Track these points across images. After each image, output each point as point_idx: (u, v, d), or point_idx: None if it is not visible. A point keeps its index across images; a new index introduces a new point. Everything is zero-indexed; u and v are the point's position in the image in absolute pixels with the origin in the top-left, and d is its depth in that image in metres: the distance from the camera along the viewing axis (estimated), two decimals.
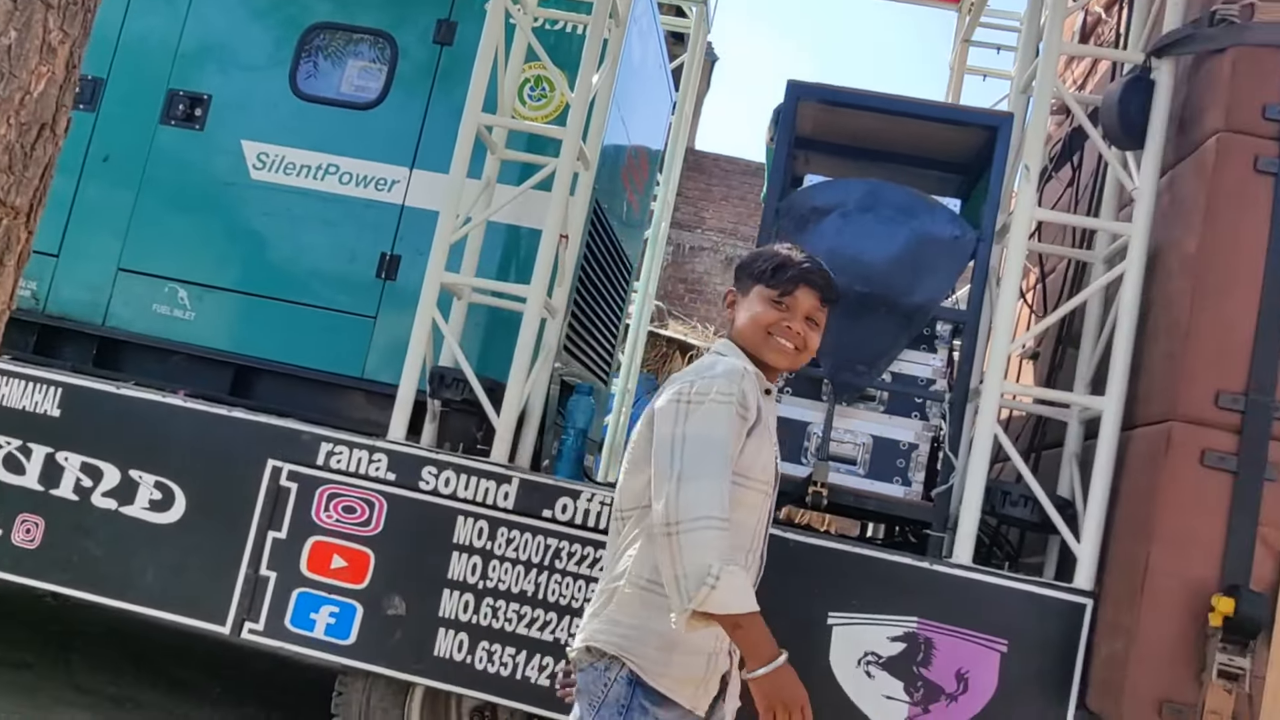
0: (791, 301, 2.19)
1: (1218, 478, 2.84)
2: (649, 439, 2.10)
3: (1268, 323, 2.87)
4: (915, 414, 3.57)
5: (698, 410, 2.04)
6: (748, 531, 2.15)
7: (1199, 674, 2.76)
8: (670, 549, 1.94)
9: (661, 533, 1.96)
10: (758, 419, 2.12)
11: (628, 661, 2.06)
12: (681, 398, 2.06)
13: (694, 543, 1.92)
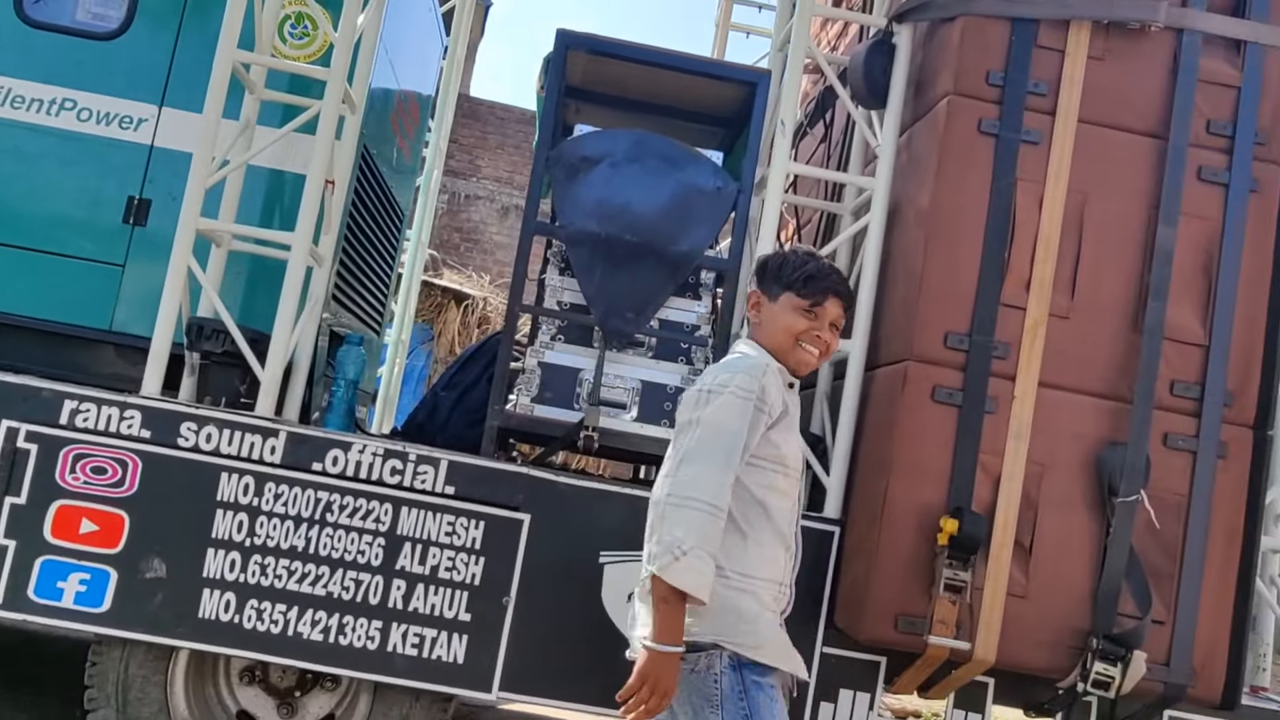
0: (821, 311, 2.32)
1: (946, 411, 3.12)
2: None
3: (989, 270, 3.16)
4: (681, 359, 3.70)
5: (715, 400, 2.17)
6: (787, 515, 2.29)
7: (929, 589, 3.04)
8: (659, 515, 2.11)
9: (658, 499, 2.13)
10: (784, 411, 2.26)
11: (726, 646, 2.15)
12: (703, 388, 2.21)
13: (676, 518, 2.08)
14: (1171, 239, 3.17)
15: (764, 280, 2.42)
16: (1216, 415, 3.13)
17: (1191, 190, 3.21)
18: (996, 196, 3.20)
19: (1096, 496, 3.11)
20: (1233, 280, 3.18)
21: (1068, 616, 3.07)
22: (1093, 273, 3.20)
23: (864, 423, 3.42)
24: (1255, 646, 3.71)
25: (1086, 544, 3.09)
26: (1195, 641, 3.06)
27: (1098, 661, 2.98)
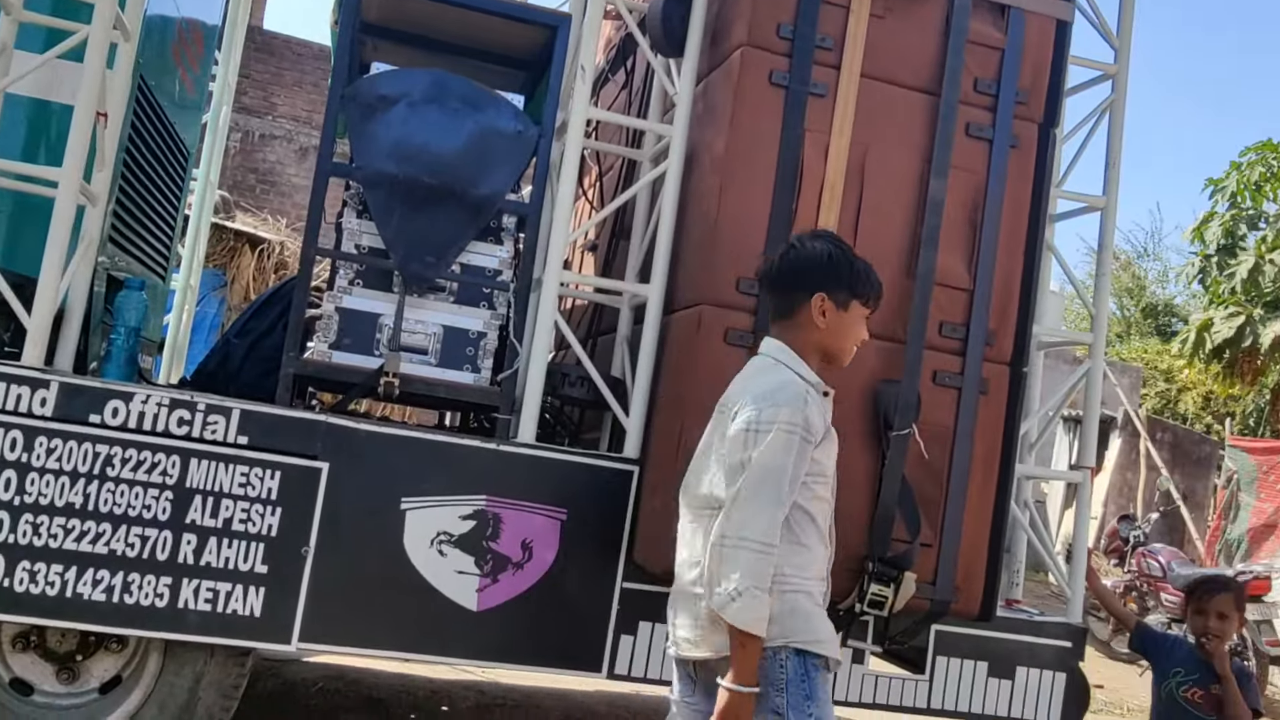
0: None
1: (737, 353, 3.24)
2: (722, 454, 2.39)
3: (778, 218, 3.29)
4: (483, 304, 3.69)
5: (764, 439, 2.29)
6: (827, 515, 2.49)
7: None
8: (716, 556, 2.27)
9: (715, 541, 2.28)
10: (826, 429, 2.42)
11: (791, 643, 2.32)
12: (750, 426, 2.32)
13: (733, 560, 2.24)
14: (942, 190, 3.39)
15: (832, 287, 2.47)
16: (979, 354, 3.39)
17: (960, 145, 3.44)
18: (785, 146, 3.32)
19: (873, 431, 3.32)
20: (995, 229, 3.44)
21: (847, 543, 3.27)
22: (872, 221, 3.38)
23: (662, 365, 3.52)
24: (1009, 565, 4.07)
25: (864, 475, 3.30)
26: (958, 561, 3.33)
27: (873, 583, 3.20)
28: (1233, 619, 3.11)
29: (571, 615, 3.39)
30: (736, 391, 2.50)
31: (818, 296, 2.48)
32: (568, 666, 3.47)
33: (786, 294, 2.52)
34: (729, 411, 2.45)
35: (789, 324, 2.52)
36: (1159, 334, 28.50)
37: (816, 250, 2.52)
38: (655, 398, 3.51)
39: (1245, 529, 11.98)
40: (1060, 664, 3.67)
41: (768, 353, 2.52)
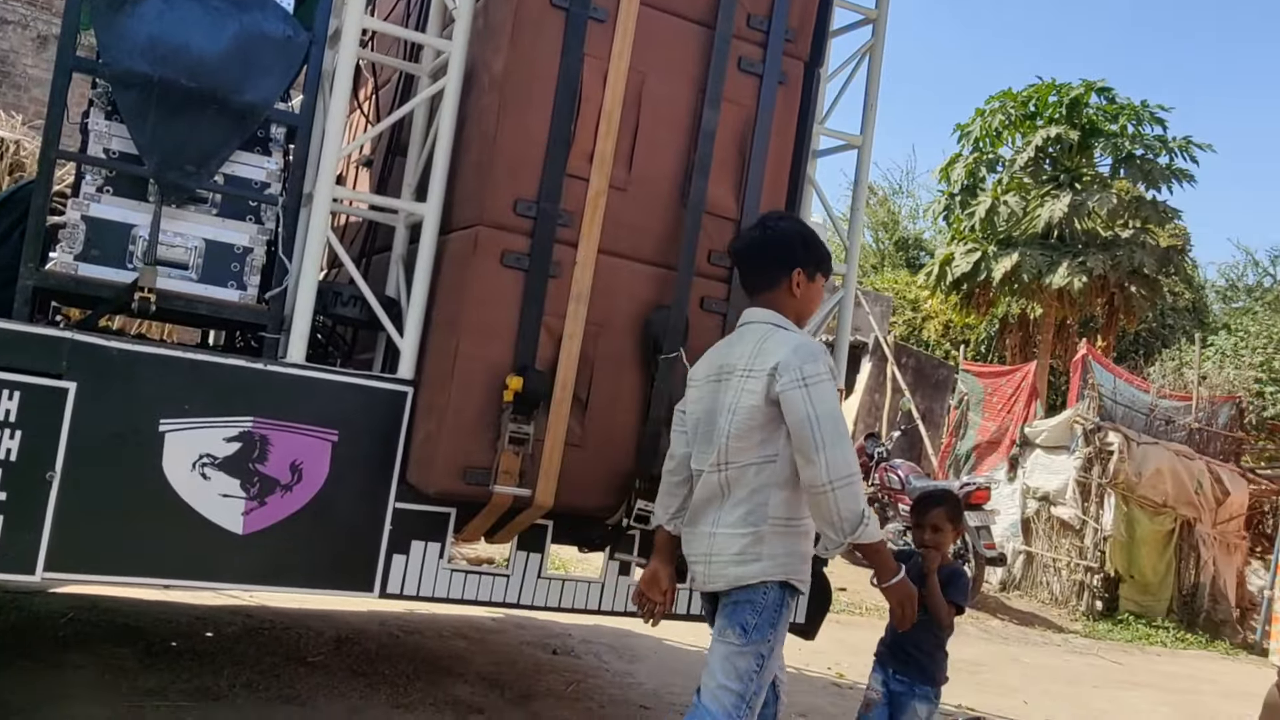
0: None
1: (513, 275, 3.25)
2: (765, 414, 2.66)
3: (556, 142, 3.29)
4: (250, 217, 3.51)
5: (817, 389, 2.62)
6: None
7: (495, 442, 3.22)
8: (829, 502, 2.58)
9: (819, 491, 2.58)
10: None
11: (790, 580, 2.71)
12: (802, 383, 2.62)
13: (846, 495, 2.58)
14: (714, 121, 3.49)
15: (806, 262, 2.86)
16: None
17: (732, 78, 3.54)
18: (565, 70, 3.31)
19: (644, 354, 3.43)
20: (762, 162, 3.58)
21: (616, 462, 3.40)
22: (648, 149, 3.45)
23: (437, 286, 3.48)
24: None
25: (634, 397, 3.41)
26: None
27: (639, 499, 3.34)
28: (946, 531, 3.39)
29: (343, 536, 3.34)
30: (745, 356, 2.75)
31: (796, 271, 2.85)
32: (339, 587, 3.44)
33: (766, 269, 2.87)
34: (739, 373, 2.73)
35: (770, 296, 2.86)
36: (909, 266, 30.56)
37: (790, 230, 2.92)
38: (430, 319, 3.47)
39: (972, 445, 13.23)
40: None
41: (765, 320, 2.82)
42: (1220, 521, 10.74)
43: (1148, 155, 19.12)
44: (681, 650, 5.69)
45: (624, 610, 3.71)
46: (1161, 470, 10.35)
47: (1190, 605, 10.24)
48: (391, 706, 4.00)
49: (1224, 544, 10.74)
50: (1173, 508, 10.34)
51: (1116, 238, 18.37)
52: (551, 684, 4.66)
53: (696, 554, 2.79)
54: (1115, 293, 18.28)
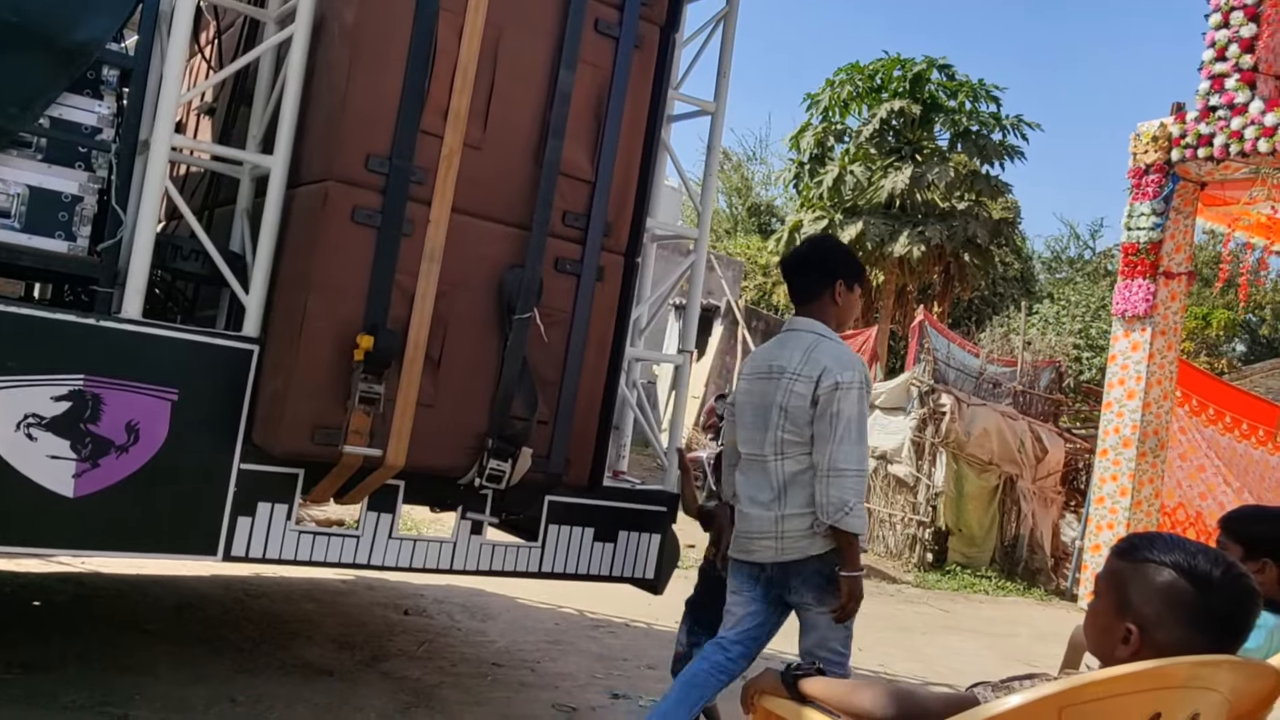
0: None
1: (365, 232, 3.18)
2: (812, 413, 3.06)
3: (409, 97, 3.22)
4: (80, 164, 3.30)
5: (848, 394, 3.03)
6: None
7: (345, 402, 3.15)
8: (823, 485, 3.00)
9: (821, 474, 3.01)
10: None
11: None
12: (839, 386, 3.03)
13: (838, 485, 2.98)
14: (570, 83, 3.48)
15: (846, 275, 3.27)
16: (598, 244, 3.57)
17: (589, 39, 3.53)
18: (419, 23, 3.23)
19: (497, 314, 3.41)
20: (617, 125, 3.59)
21: (469, 422, 3.38)
22: (503, 107, 3.41)
23: (284, 241, 3.36)
24: (617, 440, 4.41)
25: (488, 356, 3.40)
26: (571, 437, 3.55)
27: (492, 459, 3.34)
28: None
29: (184, 498, 3.22)
30: (795, 361, 3.14)
31: (838, 283, 3.25)
32: (180, 551, 3.32)
33: (812, 282, 3.28)
34: (789, 375, 3.13)
35: (815, 305, 3.26)
36: (761, 232, 31.18)
37: (833, 247, 3.46)
38: (278, 275, 3.36)
39: None
40: (656, 527, 4.05)
41: (811, 330, 3.21)
42: (1039, 478, 11.48)
43: (983, 131, 20.05)
44: (534, 608, 5.74)
45: (476, 569, 3.71)
46: (988, 430, 10.97)
47: (1011, 555, 10.94)
48: (236, 671, 3.91)
49: (1042, 498, 11.50)
50: (998, 465, 10.98)
51: (953, 209, 19.24)
52: (403, 644, 4.63)
53: (764, 532, 3.15)
54: (951, 262, 19.18)
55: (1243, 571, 1.78)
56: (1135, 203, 9.56)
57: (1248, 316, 31.98)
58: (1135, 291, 9.49)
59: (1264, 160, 8.55)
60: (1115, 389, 9.69)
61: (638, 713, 4.21)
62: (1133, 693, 1.67)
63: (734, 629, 3.22)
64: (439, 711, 3.83)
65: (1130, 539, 1.85)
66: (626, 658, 5.02)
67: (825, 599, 3.09)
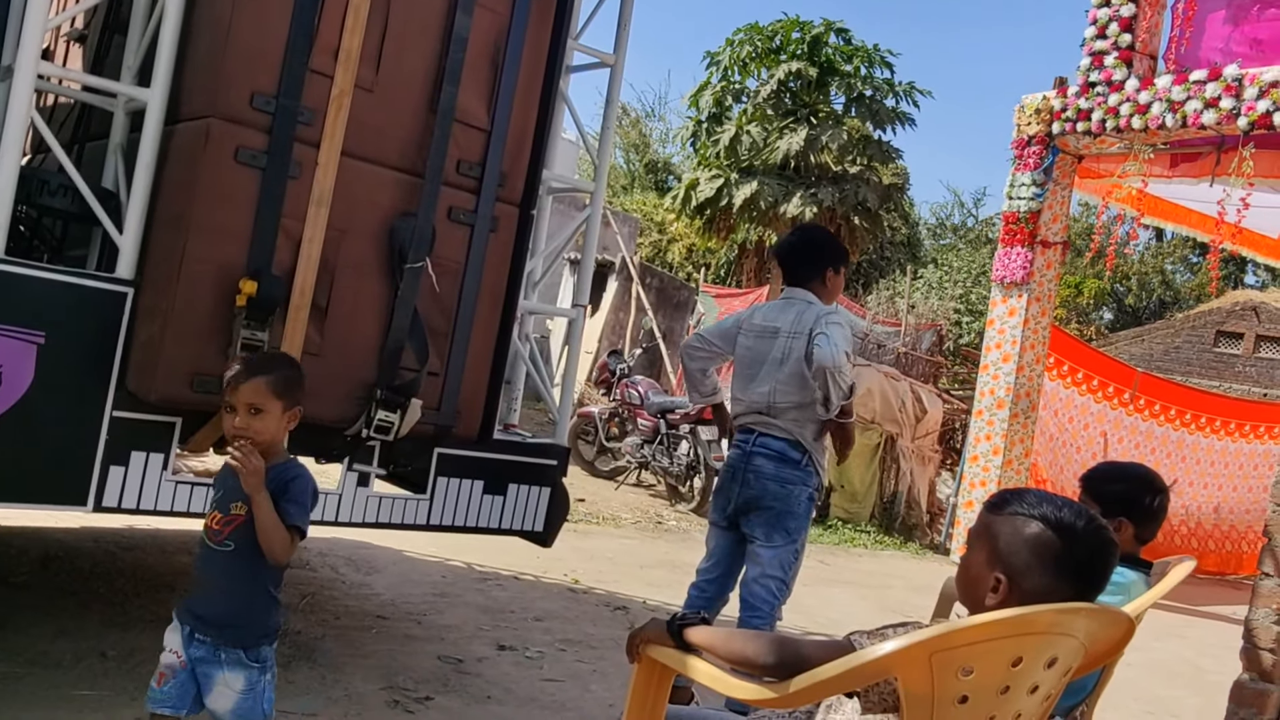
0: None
1: (249, 173, 3.06)
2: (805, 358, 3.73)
3: (298, 34, 3.09)
4: None
5: (836, 328, 3.70)
6: None
7: (226, 349, 3.05)
8: (831, 378, 3.64)
9: (828, 370, 3.62)
10: None
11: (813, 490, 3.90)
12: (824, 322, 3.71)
13: (844, 376, 3.68)
14: (467, 27, 3.39)
15: (834, 262, 3.96)
16: (492, 194, 3.52)
17: None
18: None
19: (388, 263, 3.34)
20: (514, 73, 3.53)
21: (357, 371, 3.31)
22: (397, 50, 3.31)
23: (162, 180, 3.21)
24: (509, 393, 4.38)
25: (377, 305, 3.33)
26: (461, 390, 3.52)
27: (380, 410, 3.29)
28: (267, 414, 2.75)
29: (51, 446, 3.08)
30: (789, 321, 3.81)
31: (828, 269, 3.91)
32: (47, 501, 3.18)
33: (808, 265, 3.92)
34: (783, 335, 3.80)
35: (809, 287, 3.90)
36: (657, 189, 31.21)
37: (822, 238, 4.12)
38: (154, 215, 3.21)
39: None
40: (546, 480, 4.06)
41: (804, 298, 3.87)
42: (918, 436, 11.88)
43: (876, 97, 20.40)
44: (421, 561, 5.70)
45: (362, 522, 3.66)
46: (872, 390, 11.29)
47: (889, 511, 11.33)
48: (106, 625, 3.78)
49: (920, 457, 11.91)
50: (880, 424, 11.32)
51: (845, 173, 19.58)
52: (285, 597, 4.53)
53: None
54: (842, 224, 19.55)
55: (1104, 524, 1.89)
56: (1017, 173, 9.88)
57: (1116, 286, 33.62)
58: (1014, 259, 9.85)
59: (1137, 136, 8.93)
60: (992, 352, 10.08)
61: (524, 664, 4.24)
62: (998, 639, 1.75)
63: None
64: (321, 664, 3.78)
65: (1001, 494, 1.94)
66: (514, 610, 5.04)
67: (772, 535, 3.74)
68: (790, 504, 3.79)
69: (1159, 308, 34.33)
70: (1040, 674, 1.81)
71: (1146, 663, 6.48)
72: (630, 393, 10.23)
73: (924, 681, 1.72)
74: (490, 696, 3.80)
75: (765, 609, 3.78)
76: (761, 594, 3.79)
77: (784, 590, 3.85)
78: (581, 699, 3.97)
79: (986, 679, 1.76)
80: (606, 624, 5.11)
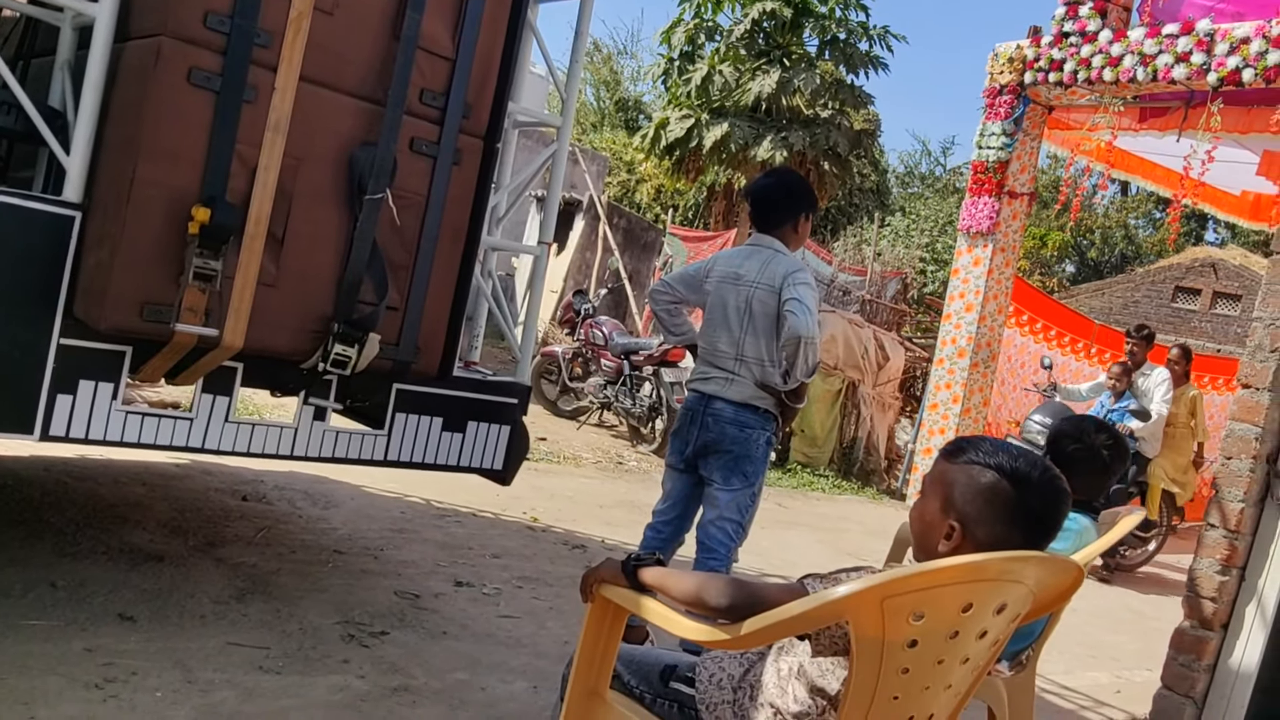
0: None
1: (203, 96, 2.95)
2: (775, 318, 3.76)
3: None
4: None
5: (807, 290, 3.71)
6: None
7: (179, 277, 2.97)
8: (805, 349, 3.63)
9: (804, 340, 3.61)
10: None
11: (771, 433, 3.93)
12: (792, 280, 3.72)
13: (815, 350, 3.67)
14: None
15: (807, 209, 3.94)
16: (456, 125, 3.43)
17: None
18: None
19: (347, 193, 3.26)
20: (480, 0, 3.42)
21: (313, 303, 3.25)
22: None
23: (111, 100, 3.10)
24: (470, 329, 4.34)
25: (335, 237, 3.25)
26: (421, 325, 3.47)
27: (338, 344, 3.23)
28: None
29: None
30: (754, 271, 3.81)
31: (801, 215, 3.90)
32: None
33: (779, 212, 3.88)
34: (746, 284, 3.80)
35: (778, 232, 3.89)
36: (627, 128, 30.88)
37: (796, 182, 4.02)
38: (103, 137, 3.10)
39: None
40: (506, 418, 4.04)
41: (770, 247, 3.86)
42: (879, 383, 11.98)
43: (850, 40, 20.20)
44: (378, 496, 5.68)
45: (319, 456, 3.63)
46: (836, 336, 11.34)
47: (848, 457, 11.45)
48: (57, 555, 3.74)
49: (880, 403, 12.02)
50: (842, 370, 11.39)
51: (817, 117, 19.45)
52: (240, 530, 4.52)
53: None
54: (812, 169, 19.46)
55: (1057, 474, 1.91)
56: (988, 122, 9.86)
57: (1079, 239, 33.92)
58: (980, 209, 9.88)
59: (1108, 89, 8.93)
60: (955, 301, 10.14)
61: (481, 600, 4.26)
62: (949, 584, 1.77)
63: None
64: (276, 598, 3.77)
65: (957, 442, 1.94)
66: (472, 546, 5.05)
67: (730, 478, 3.79)
68: (748, 448, 3.80)
69: (1120, 262, 34.73)
70: (989, 620, 1.84)
71: (1091, 609, 6.65)
72: (595, 333, 10.20)
73: (875, 625, 1.74)
74: (446, 632, 3.81)
75: (722, 551, 3.82)
76: (718, 536, 3.82)
77: (740, 533, 3.87)
78: (537, 635, 3.99)
79: (937, 624, 1.78)
80: (564, 562, 5.14)
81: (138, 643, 3.17)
